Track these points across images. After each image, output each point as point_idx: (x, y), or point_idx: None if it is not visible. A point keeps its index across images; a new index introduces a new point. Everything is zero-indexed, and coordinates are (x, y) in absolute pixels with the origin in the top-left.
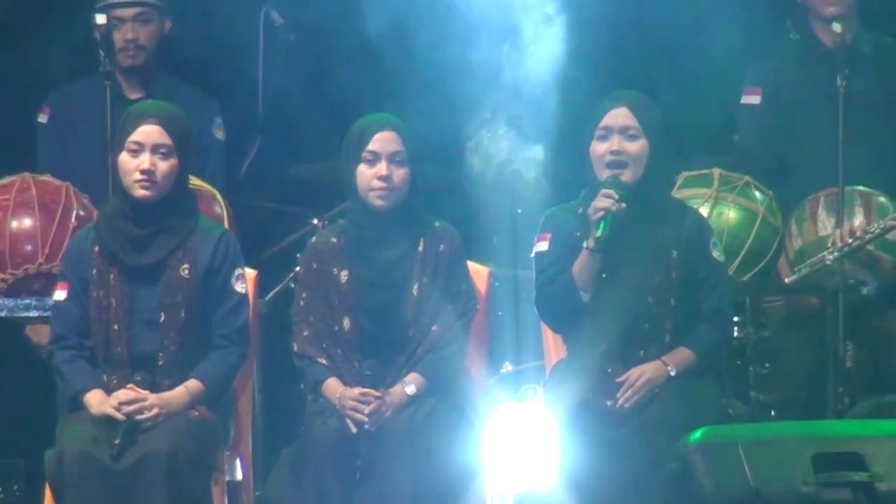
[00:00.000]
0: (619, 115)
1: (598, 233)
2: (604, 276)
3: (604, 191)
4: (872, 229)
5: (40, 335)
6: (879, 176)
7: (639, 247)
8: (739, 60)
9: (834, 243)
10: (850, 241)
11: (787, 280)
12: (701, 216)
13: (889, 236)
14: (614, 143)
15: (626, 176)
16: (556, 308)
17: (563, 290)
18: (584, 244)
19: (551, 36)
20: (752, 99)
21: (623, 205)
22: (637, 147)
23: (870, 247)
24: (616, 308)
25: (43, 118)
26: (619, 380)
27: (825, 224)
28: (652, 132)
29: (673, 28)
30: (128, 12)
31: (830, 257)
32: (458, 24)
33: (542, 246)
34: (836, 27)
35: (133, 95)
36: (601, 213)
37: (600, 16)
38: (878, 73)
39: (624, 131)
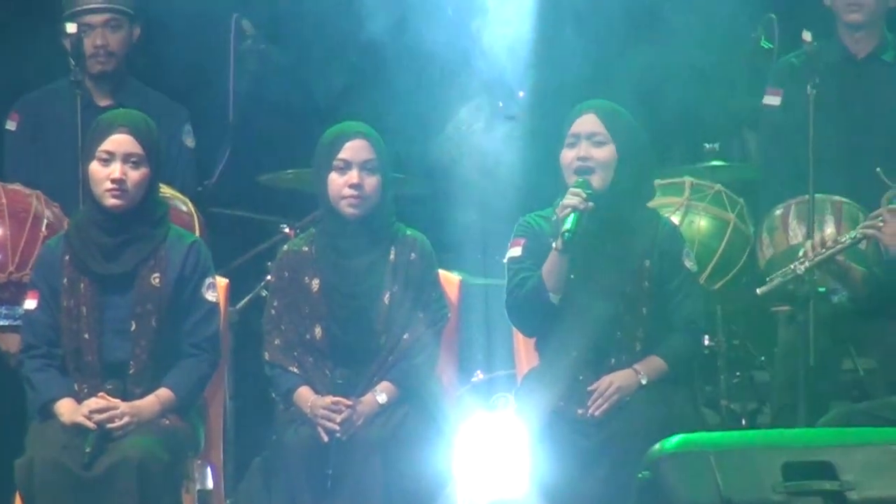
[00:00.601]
0: (586, 122)
1: (565, 227)
2: (572, 276)
3: (571, 189)
4: (843, 240)
5: (9, 344)
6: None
7: (610, 254)
8: (717, 67)
9: (805, 254)
10: (821, 251)
11: (758, 291)
12: (674, 225)
13: (860, 246)
14: (581, 149)
15: (595, 182)
16: (526, 310)
17: (533, 293)
18: (553, 245)
19: (524, 49)
20: (773, 100)
21: (591, 203)
22: (604, 153)
23: (840, 257)
24: (587, 315)
25: (11, 125)
26: (590, 388)
27: (796, 232)
28: (620, 139)
29: (652, 32)
30: (98, 18)
31: (801, 268)
32: (431, 36)
33: (516, 251)
34: (806, 36)
35: (102, 103)
36: (568, 211)
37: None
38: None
39: (591, 137)
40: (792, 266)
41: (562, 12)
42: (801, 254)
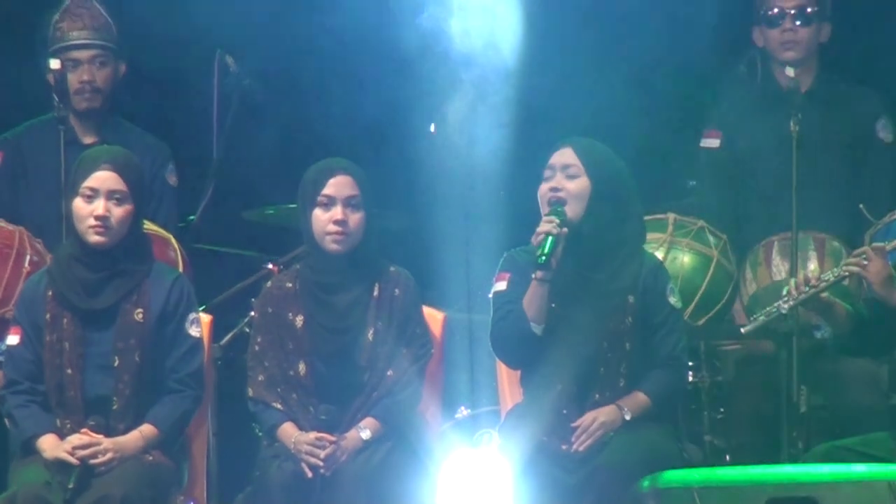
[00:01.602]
0: (562, 156)
1: (539, 252)
2: (553, 306)
3: (545, 217)
4: (827, 277)
5: None
6: (834, 220)
7: (593, 290)
8: (698, 103)
9: (789, 293)
10: (805, 289)
11: (743, 330)
12: (658, 261)
13: (844, 283)
14: (555, 180)
15: (568, 213)
16: (509, 342)
17: (515, 324)
18: (532, 275)
19: (507, 84)
20: (712, 143)
21: (564, 229)
22: (576, 185)
23: (824, 294)
24: (571, 350)
25: None
26: (574, 424)
27: (779, 268)
28: (595, 172)
29: (634, 69)
30: (85, 54)
31: (785, 306)
32: (414, 73)
33: (501, 285)
34: (790, 72)
35: (87, 140)
36: (541, 237)
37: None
38: (834, 118)
39: (565, 169)
40: (776, 305)
41: (548, 42)
42: (784, 293)
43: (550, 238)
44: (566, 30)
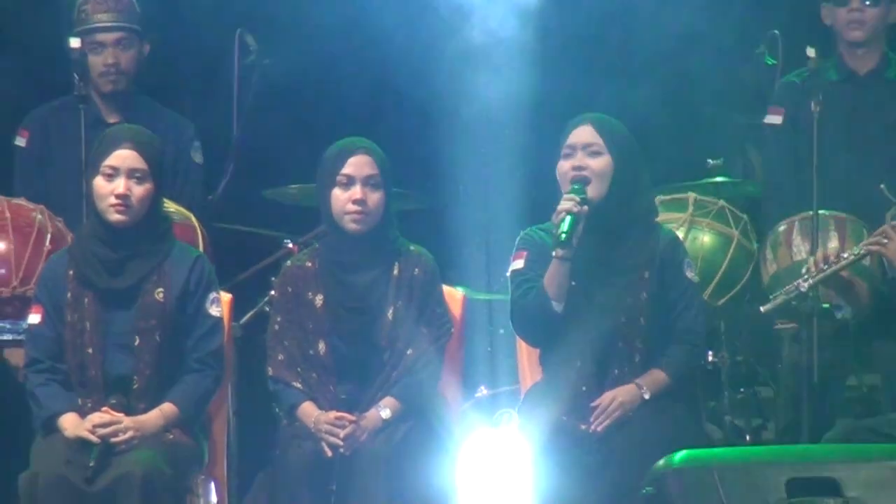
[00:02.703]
0: (583, 133)
1: (560, 230)
2: (574, 283)
3: (566, 195)
4: (847, 256)
5: (17, 358)
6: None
7: (610, 266)
8: (718, 84)
9: (808, 270)
10: (825, 267)
11: (762, 309)
12: (675, 236)
13: (864, 262)
14: (577, 159)
15: (591, 192)
16: (530, 320)
17: (536, 302)
18: (553, 252)
19: (527, 65)
20: (775, 119)
21: (585, 207)
22: (600, 163)
23: (844, 272)
24: (590, 327)
25: (21, 141)
26: (593, 405)
27: (800, 249)
28: (616, 149)
29: (655, 50)
30: (109, 37)
31: (805, 284)
32: (435, 48)
33: (518, 263)
34: (810, 52)
35: (111, 119)
36: (563, 214)
37: (579, 35)
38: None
39: (587, 148)
40: (795, 283)
41: (562, 26)
42: (804, 270)
43: (571, 216)
44: (592, 4)
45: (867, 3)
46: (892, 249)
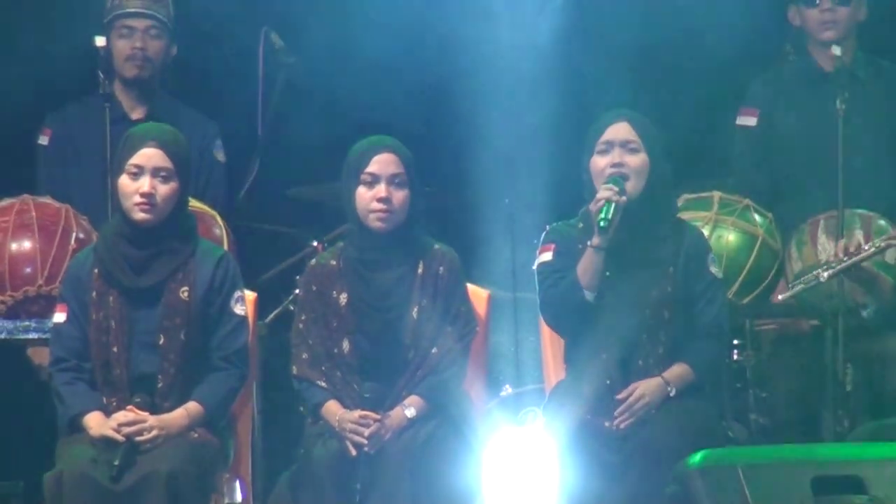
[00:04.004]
0: (620, 130)
1: (600, 217)
2: (608, 274)
3: (604, 185)
4: (868, 248)
5: (41, 357)
6: (878, 199)
7: (638, 260)
8: (738, 82)
9: (828, 261)
10: (846, 258)
11: (780, 297)
12: (700, 232)
13: (888, 258)
14: (615, 155)
15: (627, 188)
16: (561, 308)
17: (568, 290)
18: (588, 242)
19: (550, 62)
20: (748, 120)
21: (624, 197)
22: (638, 160)
23: (867, 265)
24: (616, 320)
25: (44, 140)
26: (619, 397)
27: (825, 247)
28: (652, 147)
29: (673, 48)
30: (140, 23)
31: (825, 275)
32: (458, 51)
33: (546, 256)
34: (836, 50)
35: (134, 115)
36: (602, 203)
37: (602, 35)
38: (875, 97)
39: (625, 145)
40: (815, 273)
41: (588, 24)
42: (823, 260)
43: (610, 204)
44: (605, 7)
45: (838, 2)
46: None
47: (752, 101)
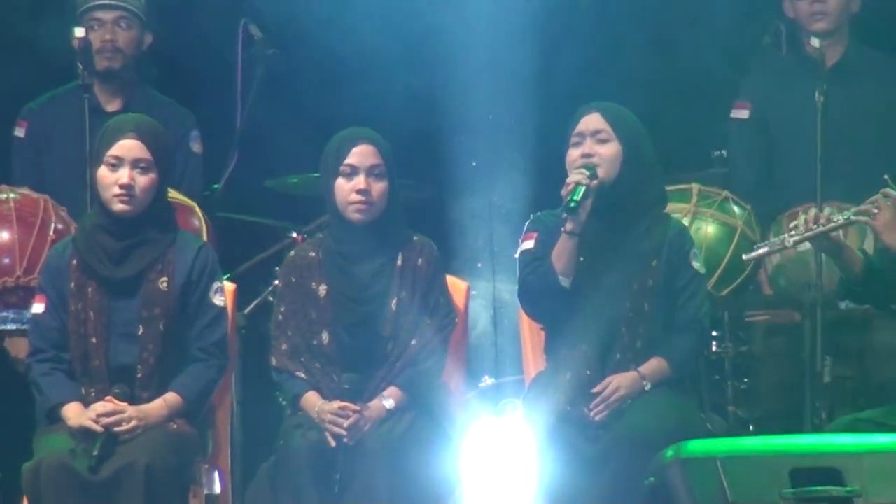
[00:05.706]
0: (591, 121)
1: (570, 199)
2: (581, 259)
3: (576, 169)
4: (836, 219)
5: (19, 349)
6: (866, 190)
7: (618, 251)
8: (723, 74)
9: (796, 227)
10: (813, 227)
11: (744, 257)
12: (683, 226)
13: (865, 246)
14: (587, 146)
15: (600, 175)
16: (537, 294)
17: (543, 277)
18: (562, 228)
19: (530, 53)
20: (742, 113)
21: (595, 181)
22: (608, 150)
23: (835, 234)
24: (595, 311)
25: (20, 132)
26: (594, 390)
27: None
28: (625, 136)
29: (658, 39)
30: (108, 15)
31: (791, 240)
32: (436, 41)
33: (528, 244)
34: (815, 42)
35: (110, 108)
36: (572, 186)
37: (584, 26)
38: (865, 89)
39: (595, 135)
40: (781, 238)
41: (568, 17)
42: (792, 226)
43: (581, 187)
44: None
45: None
46: (880, 220)
47: (745, 95)
